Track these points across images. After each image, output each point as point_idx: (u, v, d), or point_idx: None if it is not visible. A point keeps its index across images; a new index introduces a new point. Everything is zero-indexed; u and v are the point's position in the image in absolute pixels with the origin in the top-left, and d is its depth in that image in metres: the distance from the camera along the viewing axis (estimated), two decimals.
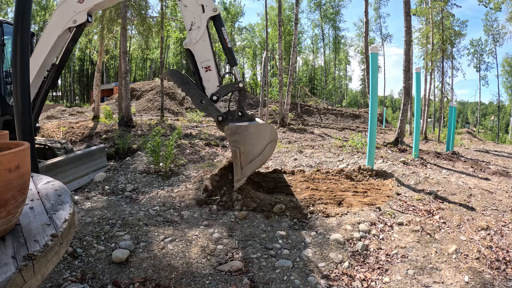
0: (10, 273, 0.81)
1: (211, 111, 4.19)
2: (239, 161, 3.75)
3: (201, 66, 4.20)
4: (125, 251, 2.81)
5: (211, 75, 4.21)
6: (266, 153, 4.10)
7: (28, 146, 1.03)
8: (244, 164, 3.78)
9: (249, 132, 3.80)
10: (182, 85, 4.28)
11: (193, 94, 4.21)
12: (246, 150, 3.76)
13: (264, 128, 4.12)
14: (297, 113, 25.49)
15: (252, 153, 3.87)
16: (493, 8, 14.19)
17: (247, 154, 3.79)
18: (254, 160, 3.92)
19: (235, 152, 3.72)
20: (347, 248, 3.09)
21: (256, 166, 4.04)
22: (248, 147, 3.78)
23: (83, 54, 45.45)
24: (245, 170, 3.84)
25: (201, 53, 4.19)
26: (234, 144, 3.71)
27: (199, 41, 4.16)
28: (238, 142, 3.71)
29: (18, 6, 2.45)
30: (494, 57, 42.33)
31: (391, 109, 65.14)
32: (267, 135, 4.12)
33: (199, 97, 4.19)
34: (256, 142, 3.93)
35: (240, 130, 3.71)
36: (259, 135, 3.97)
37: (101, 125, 11.08)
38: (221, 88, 4.24)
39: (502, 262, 2.86)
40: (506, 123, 44.42)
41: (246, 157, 3.79)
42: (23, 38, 2.43)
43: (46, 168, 4.55)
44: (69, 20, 4.36)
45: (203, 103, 4.18)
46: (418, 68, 7.58)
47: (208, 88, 4.22)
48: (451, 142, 10.20)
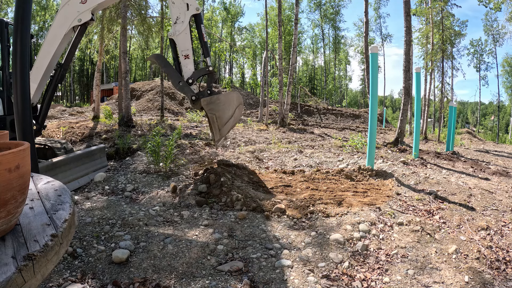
0: (10, 273, 0.81)
1: (186, 91, 4.99)
2: (216, 125, 4.73)
3: (181, 54, 4.97)
4: (125, 251, 2.81)
5: (188, 62, 5.00)
6: (236, 114, 5.00)
7: (28, 146, 1.03)
8: (221, 126, 4.76)
9: (221, 100, 4.78)
10: (164, 67, 5.14)
11: (173, 76, 5.04)
12: (220, 114, 4.73)
13: (231, 96, 5.09)
14: (297, 113, 25.49)
15: (226, 116, 4.79)
16: (493, 8, 14.19)
17: (222, 118, 4.74)
18: (228, 121, 4.83)
19: (212, 118, 4.70)
20: (347, 248, 3.09)
21: (230, 126, 4.95)
22: (221, 112, 4.74)
23: (83, 54, 45.43)
24: (222, 131, 4.81)
25: (182, 43, 4.96)
26: (210, 112, 4.68)
27: (182, 33, 4.92)
28: (213, 110, 4.69)
29: (18, 6, 2.45)
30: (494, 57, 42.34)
31: (391, 109, 65.15)
32: (234, 100, 4.99)
33: (177, 79, 5.00)
34: (227, 107, 4.83)
35: (214, 100, 4.72)
36: (229, 101, 4.88)
37: (101, 125, 11.08)
38: (195, 73, 5.02)
39: (502, 262, 2.86)
40: (506, 123, 44.41)
41: (221, 120, 4.74)
42: (23, 38, 2.43)
43: (46, 168, 4.55)
44: (74, 20, 4.60)
45: (180, 84, 4.99)
46: (418, 68, 7.58)
47: (185, 72, 5.01)
48: (451, 142, 10.20)
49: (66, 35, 4.68)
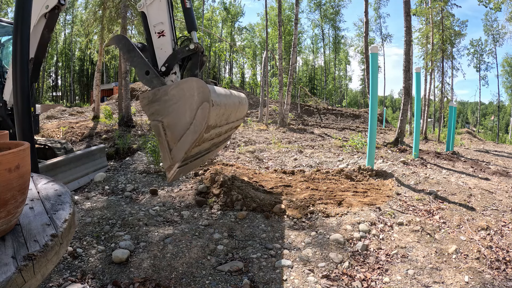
0: (10, 273, 0.81)
1: (155, 85, 3.26)
2: (165, 141, 2.88)
3: (154, 32, 3.46)
4: (125, 251, 2.81)
5: (165, 42, 3.45)
6: (198, 121, 2.86)
7: (28, 146, 1.03)
8: (172, 143, 2.88)
9: (170, 95, 2.89)
10: (127, 53, 3.46)
11: (137, 64, 3.38)
12: (171, 122, 2.87)
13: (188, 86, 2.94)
14: (297, 113, 25.49)
15: (181, 125, 2.88)
16: (493, 8, 14.19)
17: (174, 127, 2.88)
18: (185, 134, 2.88)
19: (157, 128, 2.88)
20: (347, 248, 3.09)
21: (189, 142, 2.87)
22: (173, 117, 2.87)
23: (83, 54, 45.47)
24: (175, 152, 2.89)
25: (154, 15, 3.47)
26: (153, 116, 2.90)
27: (154, 2, 3.50)
28: (158, 113, 2.88)
29: (18, 6, 2.46)
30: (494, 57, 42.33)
31: (391, 109, 65.14)
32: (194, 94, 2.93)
33: (144, 68, 3.34)
34: (182, 108, 2.89)
35: (159, 95, 2.89)
36: (184, 96, 2.93)
37: (101, 125, 11.08)
38: (170, 56, 3.38)
39: (502, 262, 2.86)
40: (506, 123, 44.42)
41: (173, 132, 2.88)
42: (23, 38, 2.43)
43: (46, 168, 4.55)
44: (42, 6, 4.09)
45: (147, 75, 3.32)
46: (418, 68, 7.58)
47: (159, 57, 3.45)
48: (451, 142, 10.20)
49: (36, 26, 4.10)
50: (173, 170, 2.99)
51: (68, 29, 44.14)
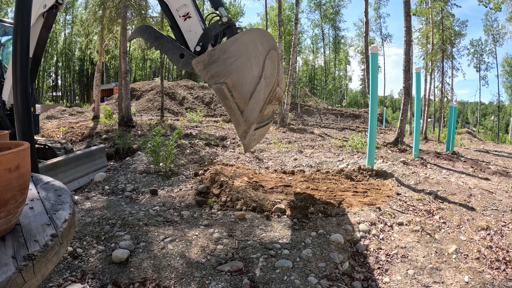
0: (10, 273, 0.81)
1: None
2: (233, 103, 2.50)
3: (178, 15, 3.31)
4: (125, 251, 2.81)
5: (191, 23, 3.26)
6: (268, 72, 2.58)
7: (28, 146, 1.03)
8: (242, 104, 2.50)
9: (230, 52, 2.53)
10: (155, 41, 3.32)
11: (169, 49, 3.22)
12: (236, 80, 2.51)
13: (249, 37, 2.61)
14: (297, 113, 25.49)
15: (249, 81, 2.52)
16: (493, 8, 14.19)
17: (242, 85, 2.52)
18: (256, 90, 2.49)
19: (221, 91, 2.49)
20: (347, 248, 3.09)
21: (262, 99, 2.53)
22: (237, 74, 2.52)
23: (83, 54, 45.47)
24: (248, 113, 2.54)
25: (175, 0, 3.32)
26: (214, 80, 2.53)
27: None
28: (219, 75, 2.50)
29: (18, 6, 2.46)
30: (494, 57, 42.35)
31: (391, 109, 65.14)
32: (257, 45, 2.61)
33: (177, 51, 3.17)
34: (246, 62, 2.56)
35: (216, 55, 2.53)
36: (246, 49, 2.60)
37: (101, 125, 11.08)
38: (202, 35, 3.18)
39: (502, 262, 2.86)
40: (506, 123, 44.41)
41: (241, 91, 2.52)
42: (23, 38, 2.43)
43: (46, 168, 4.55)
44: (40, 6, 4.13)
45: (183, 57, 3.15)
46: (418, 68, 7.58)
47: (190, 39, 3.26)
48: (451, 142, 10.20)
49: (34, 26, 4.10)
50: (249, 135, 2.68)
51: (68, 29, 44.14)
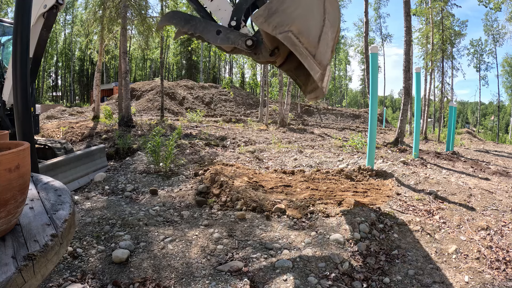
0: (10, 273, 0.81)
1: (234, 39, 3.09)
2: (303, 49, 2.47)
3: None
4: (125, 251, 2.81)
5: (219, 2, 3.25)
6: (331, 14, 2.57)
7: (28, 146, 1.03)
8: (313, 48, 2.48)
9: (288, 1, 2.51)
10: (187, 24, 3.29)
11: (204, 28, 3.19)
12: (301, 26, 2.48)
13: None
14: (297, 113, 25.50)
15: (314, 25, 2.52)
16: (493, 8, 14.19)
17: (308, 31, 2.50)
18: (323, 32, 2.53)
19: (289, 40, 2.44)
20: (347, 248, 3.09)
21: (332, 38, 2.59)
22: (301, 20, 2.49)
23: (83, 54, 45.48)
24: (320, 55, 2.52)
25: None
26: (279, 30, 2.46)
27: None
28: (283, 24, 2.46)
29: (18, 6, 2.46)
30: (494, 57, 42.37)
31: (391, 109, 65.16)
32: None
33: (213, 29, 3.16)
34: (307, 8, 2.54)
35: (276, 6, 2.48)
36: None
37: (101, 125, 11.08)
38: (235, 9, 3.16)
39: (502, 262, 2.86)
40: (506, 123, 44.43)
41: (308, 35, 2.50)
42: (23, 38, 2.43)
43: (46, 168, 4.55)
44: (40, 6, 4.18)
45: (221, 33, 3.13)
46: (418, 68, 7.58)
47: (222, 18, 3.26)
48: (451, 142, 10.20)
49: (35, 26, 4.17)
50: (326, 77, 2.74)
51: (68, 29, 44.17)
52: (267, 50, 3.01)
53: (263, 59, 3.16)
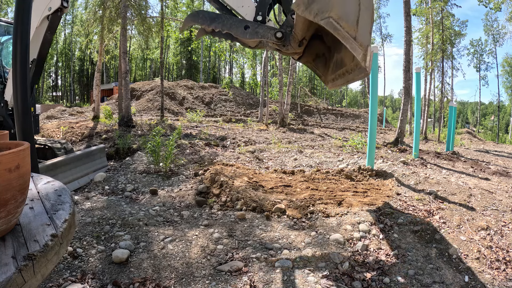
0: (10, 273, 0.81)
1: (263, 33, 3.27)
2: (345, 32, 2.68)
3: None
4: (125, 251, 2.81)
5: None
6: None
7: (28, 146, 1.03)
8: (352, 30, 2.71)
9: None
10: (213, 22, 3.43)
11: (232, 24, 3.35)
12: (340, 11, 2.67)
13: None
14: (297, 113, 25.50)
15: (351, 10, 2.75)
16: (493, 8, 14.20)
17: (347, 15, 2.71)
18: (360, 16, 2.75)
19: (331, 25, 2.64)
20: (347, 248, 3.09)
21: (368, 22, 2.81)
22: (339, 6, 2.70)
23: (83, 54, 45.48)
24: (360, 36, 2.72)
25: None
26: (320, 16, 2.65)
27: None
28: (323, 10, 2.65)
29: (18, 6, 2.46)
30: (494, 57, 42.43)
31: (391, 109, 65.18)
32: None
33: (241, 24, 3.32)
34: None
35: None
36: None
37: (101, 125, 11.08)
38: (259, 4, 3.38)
39: (502, 262, 2.86)
40: (506, 123, 44.42)
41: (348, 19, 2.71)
42: (23, 38, 2.43)
43: (46, 168, 4.55)
44: (45, 9, 4.22)
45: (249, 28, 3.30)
46: (418, 68, 7.58)
47: (246, 14, 3.45)
48: (451, 142, 10.20)
49: (39, 28, 4.25)
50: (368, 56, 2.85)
51: (68, 29, 44.19)
52: (296, 41, 3.12)
53: (291, 50, 3.29)
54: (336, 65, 3.51)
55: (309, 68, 4.09)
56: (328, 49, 3.62)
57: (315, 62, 3.75)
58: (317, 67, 3.81)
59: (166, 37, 39.19)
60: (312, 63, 3.76)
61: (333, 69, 3.54)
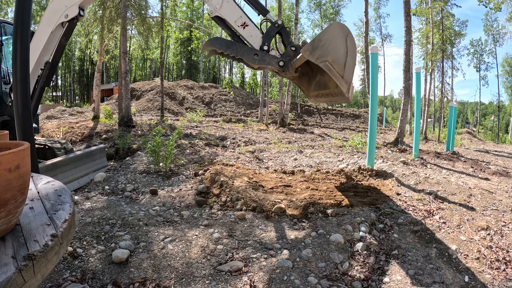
0: (10, 273, 0.81)
1: (269, 61, 4.14)
2: (336, 72, 3.64)
3: (237, 26, 4.23)
4: (125, 251, 2.81)
5: (250, 29, 4.22)
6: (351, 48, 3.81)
7: (28, 146, 1.03)
8: (341, 71, 3.67)
9: (324, 40, 3.65)
10: (228, 48, 4.19)
11: (244, 52, 4.15)
12: (334, 57, 3.63)
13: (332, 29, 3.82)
14: (297, 113, 25.50)
15: (341, 56, 3.70)
16: (493, 8, 14.19)
17: (338, 60, 3.66)
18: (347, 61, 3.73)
19: (327, 67, 3.59)
20: (347, 248, 3.09)
21: (351, 64, 3.77)
22: (333, 53, 3.64)
23: (83, 54, 45.49)
24: (346, 76, 3.70)
25: (230, 14, 4.24)
26: (320, 60, 3.60)
27: (223, 4, 4.23)
28: (322, 56, 3.59)
29: (18, 6, 2.45)
30: (494, 57, 42.44)
31: (391, 109, 65.17)
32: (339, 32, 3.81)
33: (251, 53, 4.14)
34: (336, 44, 3.69)
35: (316, 44, 3.62)
36: (333, 37, 3.73)
37: (101, 125, 11.08)
38: (265, 36, 4.21)
39: (502, 262, 2.86)
40: (506, 123, 44.43)
41: (339, 63, 3.65)
42: (23, 38, 2.43)
43: (46, 168, 4.55)
44: (61, 15, 4.31)
45: (257, 57, 4.12)
46: (418, 68, 7.58)
47: (254, 43, 4.24)
48: (451, 142, 10.20)
49: (53, 32, 4.37)
50: (350, 90, 3.89)
51: None
52: (293, 68, 4.06)
53: (289, 75, 4.25)
54: (319, 85, 4.41)
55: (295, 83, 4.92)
56: (312, 70, 4.48)
57: (300, 79, 4.58)
58: (301, 83, 4.63)
59: (166, 37, 39.17)
60: (297, 80, 4.55)
61: (316, 87, 4.48)
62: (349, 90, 3.85)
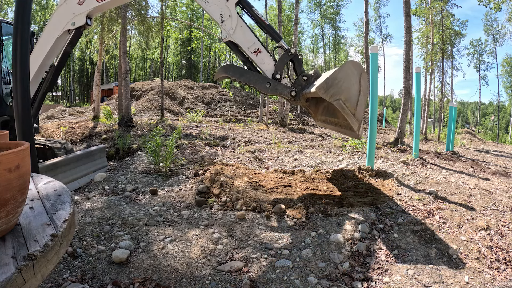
0: (10, 273, 0.81)
1: (281, 90, 4.17)
2: (348, 110, 3.67)
3: (250, 52, 4.23)
4: (125, 251, 2.81)
5: (263, 56, 4.23)
6: (364, 87, 3.84)
7: (28, 146, 1.03)
8: (353, 110, 3.69)
9: (338, 78, 3.64)
10: (241, 76, 4.25)
11: (256, 81, 4.18)
12: (347, 96, 3.65)
13: (346, 67, 3.83)
14: (297, 113, 25.50)
15: (354, 95, 3.73)
16: (493, 8, 14.19)
17: (351, 98, 3.69)
18: (359, 99, 3.77)
19: (340, 105, 3.61)
20: (347, 248, 3.09)
21: (364, 103, 3.83)
22: (347, 92, 3.66)
23: (83, 54, 45.50)
24: (357, 114, 3.75)
25: (244, 40, 4.23)
26: (334, 98, 3.61)
27: (237, 29, 4.20)
28: (336, 94, 3.59)
29: (18, 6, 2.45)
30: (494, 57, 42.44)
31: (391, 109, 65.18)
32: (353, 71, 3.84)
33: (264, 81, 4.17)
34: (350, 83, 3.72)
35: (331, 82, 3.60)
36: (348, 75, 3.75)
37: (101, 125, 11.08)
38: (278, 64, 4.23)
39: (502, 262, 2.86)
40: (506, 123, 44.44)
41: (351, 101, 3.69)
42: (23, 38, 2.43)
43: (46, 168, 4.55)
44: (68, 22, 4.27)
45: (269, 86, 4.16)
46: (418, 68, 7.58)
47: (266, 70, 4.24)
48: (451, 142, 10.20)
49: (59, 38, 4.33)
50: (361, 127, 4.00)
51: None
52: (305, 98, 4.20)
53: (300, 104, 4.39)
54: (327, 110, 4.60)
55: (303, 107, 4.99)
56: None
57: (308, 103, 4.65)
58: (309, 106, 4.72)
59: (166, 37, 39.18)
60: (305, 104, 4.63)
61: (324, 112, 4.72)
62: (360, 127, 3.92)
